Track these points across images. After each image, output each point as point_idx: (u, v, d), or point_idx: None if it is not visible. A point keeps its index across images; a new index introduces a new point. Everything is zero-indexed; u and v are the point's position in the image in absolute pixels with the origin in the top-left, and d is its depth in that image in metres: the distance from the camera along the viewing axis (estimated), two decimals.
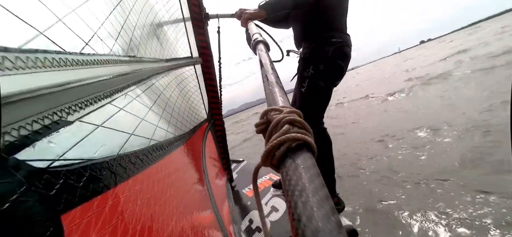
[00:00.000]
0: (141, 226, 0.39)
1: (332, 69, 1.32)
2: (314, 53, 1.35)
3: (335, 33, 1.33)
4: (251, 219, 1.54)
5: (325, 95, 1.36)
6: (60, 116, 0.26)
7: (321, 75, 1.31)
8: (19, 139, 0.21)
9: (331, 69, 1.31)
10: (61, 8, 0.28)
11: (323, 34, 1.33)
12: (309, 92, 1.34)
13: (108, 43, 0.39)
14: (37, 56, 0.22)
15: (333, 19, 1.35)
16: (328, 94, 1.38)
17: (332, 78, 1.35)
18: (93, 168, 0.31)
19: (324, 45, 1.31)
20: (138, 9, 0.63)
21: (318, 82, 1.32)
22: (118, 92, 0.39)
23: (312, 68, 1.33)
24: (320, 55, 1.32)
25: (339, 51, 1.31)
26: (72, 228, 0.26)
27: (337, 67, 1.32)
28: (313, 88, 1.34)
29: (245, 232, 1.42)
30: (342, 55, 1.33)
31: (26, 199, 0.21)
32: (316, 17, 1.35)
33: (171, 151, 0.61)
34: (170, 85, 0.88)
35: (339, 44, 1.31)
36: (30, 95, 0.21)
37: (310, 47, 1.38)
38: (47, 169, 0.24)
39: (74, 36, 0.30)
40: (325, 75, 1.32)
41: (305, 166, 0.22)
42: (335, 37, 1.31)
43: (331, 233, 0.15)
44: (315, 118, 1.38)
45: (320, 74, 1.31)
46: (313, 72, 1.33)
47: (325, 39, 1.32)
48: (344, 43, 1.33)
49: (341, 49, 1.32)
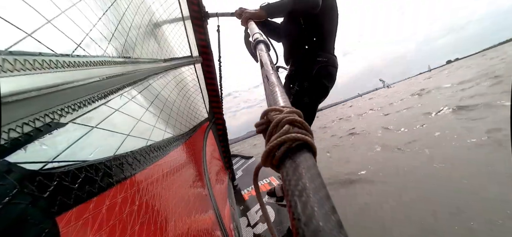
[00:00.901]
0: (139, 227, 0.39)
1: (316, 87, 1.36)
2: (300, 70, 1.39)
3: (322, 53, 1.36)
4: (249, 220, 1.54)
5: (310, 110, 1.40)
6: (52, 118, 0.26)
7: (306, 92, 1.35)
8: (10, 142, 0.21)
9: (315, 87, 1.35)
10: (50, 9, 0.28)
11: (309, 53, 1.36)
12: None
13: (101, 44, 0.39)
14: (26, 58, 0.22)
15: (322, 39, 1.38)
16: (314, 110, 1.42)
17: (317, 96, 1.39)
18: (88, 169, 0.31)
19: (309, 64, 1.35)
20: (134, 10, 0.63)
21: (303, 99, 1.36)
22: (112, 93, 0.39)
23: (297, 84, 1.37)
24: (305, 73, 1.35)
25: (324, 71, 1.34)
26: (68, 230, 0.26)
27: (321, 86, 1.36)
28: (297, 104, 1.35)
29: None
30: (327, 74, 1.36)
31: (19, 202, 0.21)
32: (304, 35, 1.37)
33: (169, 151, 0.61)
34: (169, 85, 0.88)
35: (323, 63, 1.34)
36: (19, 98, 0.21)
37: (296, 64, 1.42)
38: (40, 171, 0.24)
39: (65, 38, 0.30)
40: (309, 92, 1.35)
41: (306, 166, 0.22)
42: (320, 57, 1.35)
43: (331, 233, 0.15)
44: None
45: (304, 91, 1.35)
46: (297, 88, 1.36)
47: (311, 58, 1.35)
48: (329, 63, 1.36)
49: (326, 68, 1.35)
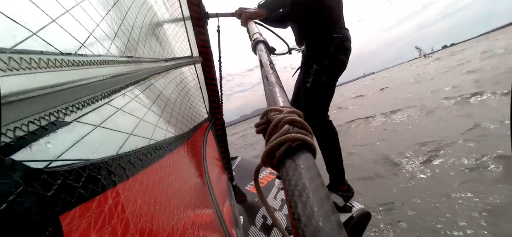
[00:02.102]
0: (141, 226, 0.39)
1: (335, 64, 1.38)
2: (317, 49, 1.40)
3: (336, 29, 1.38)
4: (264, 215, 1.54)
5: (329, 89, 1.43)
6: (57, 117, 0.26)
7: (326, 70, 1.38)
8: (15, 140, 0.21)
9: (334, 64, 1.37)
10: (55, 8, 0.28)
11: (324, 31, 1.38)
12: (315, 88, 1.41)
13: (104, 43, 0.39)
14: (32, 57, 0.22)
15: (333, 16, 1.39)
16: (332, 88, 1.44)
17: (336, 72, 1.41)
18: (91, 168, 0.31)
19: (326, 42, 1.36)
20: (136, 9, 0.63)
21: (322, 78, 1.38)
22: (116, 92, 0.39)
23: (316, 64, 1.39)
24: (323, 52, 1.37)
25: (341, 46, 1.37)
26: (71, 229, 0.26)
27: (340, 62, 1.38)
28: (318, 84, 1.39)
29: (261, 229, 1.43)
30: (344, 49, 1.38)
31: (23, 200, 0.21)
32: (315, 14, 1.38)
33: (171, 150, 0.61)
34: (170, 85, 0.88)
35: (340, 40, 1.36)
36: (25, 96, 0.21)
37: (312, 44, 1.43)
38: (45, 169, 0.24)
39: (70, 37, 0.30)
40: (329, 71, 1.38)
41: (305, 166, 0.22)
42: (336, 33, 1.37)
43: (331, 233, 0.15)
44: (321, 111, 1.44)
45: (324, 70, 1.38)
46: (317, 67, 1.38)
47: (327, 35, 1.37)
48: (344, 38, 1.38)
49: (343, 44, 1.37)
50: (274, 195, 1.73)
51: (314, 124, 1.43)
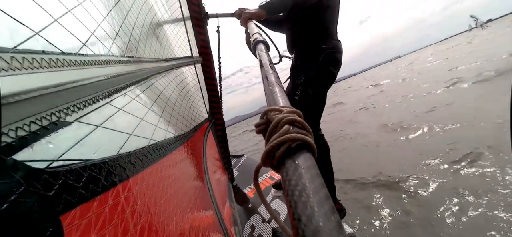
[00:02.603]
0: (141, 226, 0.39)
1: (323, 75, 1.33)
2: (305, 60, 1.37)
3: (325, 40, 1.34)
4: (253, 225, 1.51)
5: (319, 101, 1.38)
6: (58, 117, 0.26)
7: (312, 82, 1.33)
8: (16, 140, 0.21)
9: (322, 75, 1.33)
10: (57, 8, 0.28)
11: (313, 41, 1.35)
12: (303, 100, 1.36)
13: (106, 43, 0.39)
14: (34, 57, 0.22)
15: (325, 26, 1.36)
16: (322, 100, 1.39)
17: (324, 84, 1.37)
18: (92, 168, 0.31)
19: (314, 52, 1.33)
20: (137, 9, 0.63)
21: (308, 90, 1.34)
22: (116, 92, 0.39)
23: (303, 75, 1.35)
24: (310, 62, 1.33)
25: (330, 57, 1.33)
26: (71, 229, 0.26)
27: (328, 73, 1.34)
28: (306, 96, 1.35)
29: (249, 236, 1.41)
30: (333, 61, 1.34)
31: (24, 200, 0.21)
32: (308, 23, 1.35)
33: (171, 151, 0.61)
34: (170, 85, 0.88)
35: (329, 50, 1.32)
36: (27, 96, 0.21)
37: (301, 54, 1.40)
38: (46, 169, 0.24)
39: (71, 36, 0.30)
40: (315, 82, 1.33)
41: (305, 166, 0.22)
42: (325, 43, 1.33)
43: (331, 233, 0.15)
44: (311, 125, 1.39)
45: (311, 82, 1.33)
46: (304, 79, 1.34)
47: (315, 46, 1.34)
48: (334, 49, 1.34)
49: (332, 55, 1.33)
50: (271, 199, 1.70)
51: None
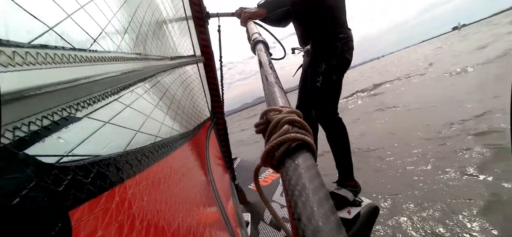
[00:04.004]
0: (148, 223, 0.39)
1: (342, 62, 1.44)
2: (324, 49, 1.45)
3: (342, 29, 1.43)
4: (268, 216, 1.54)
5: (338, 87, 1.49)
6: (69, 112, 0.26)
7: (334, 69, 1.43)
8: (29, 135, 0.21)
9: (341, 63, 1.44)
10: (70, 4, 0.28)
11: (331, 31, 1.43)
12: (325, 86, 1.46)
13: (115, 40, 0.39)
14: (47, 52, 0.22)
15: (338, 17, 1.44)
16: (340, 86, 1.50)
17: (343, 70, 1.48)
18: (100, 164, 0.31)
19: (333, 41, 1.42)
20: (145, 6, 0.63)
21: (331, 76, 1.44)
22: (125, 89, 0.39)
23: (324, 63, 1.43)
24: (331, 51, 1.42)
25: (347, 46, 1.43)
26: (80, 224, 0.26)
27: (346, 61, 1.45)
28: (328, 82, 1.45)
29: (271, 224, 1.44)
30: (349, 49, 1.44)
31: (35, 195, 0.21)
32: (320, 15, 1.42)
33: (176, 148, 0.61)
34: (175, 83, 0.89)
35: (346, 40, 1.42)
36: (40, 91, 0.21)
37: (319, 44, 1.47)
38: (56, 164, 0.24)
39: (83, 32, 0.30)
40: (337, 69, 1.44)
41: (305, 166, 0.22)
42: (342, 33, 1.42)
43: (330, 233, 0.15)
44: (332, 109, 1.49)
45: (333, 69, 1.43)
46: (325, 66, 1.43)
47: (334, 35, 1.42)
48: (349, 38, 1.44)
49: (348, 43, 1.43)
50: (281, 192, 1.72)
51: (325, 121, 1.49)
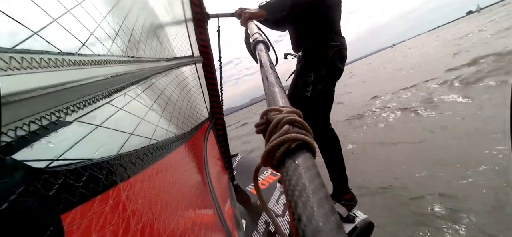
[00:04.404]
0: (142, 226, 0.39)
1: (332, 72, 1.38)
2: (314, 58, 1.40)
3: (334, 37, 1.37)
4: (266, 220, 1.47)
5: (329, 96, 1.42)
6: (58, 117, 0.26)
7: (322, 79, 1.37)
8: (16, 140, 0.21)
9: (331, 72, 1.37)
10: (56, 8, 0.28)
11: (322, 38, 1.37)
12: (314, 97, 1.40)
13: (105, 43, 0.39)
14: (33, 57, 0.22)
15: (331, 23, 1.39)
16: (332, 95, 1.44)
17: (333, 80, 1.41)
18: (92, 167, 0.31)
19: (324, 49, 1.36)
20: (138, 9, 0.63)
21: (318, 86, 1.38)
22: (117, 92, 0.39)
23: (313, 73, 1.38)
24: (320, 59, 1.36)
25: (339, 54, 1.36)
26: (72, 228, 0.26)
27: (337, 70, 1.38)
28: (317, 92, 1.39)
29: (264, 235, 1.38)
30: (341, 58, 1.38)
31: (24, 199, 0.21)
32: (314, 21, 1.37)
33: (172, 150, 0.61)
34: (171, 84, 0.88)
35: (338, 47, 1.35)
36: (26, 96, 0.21)
37: (309, 52, 1.42)
38: (46, 169, 0.24)
39: (71, 36, 0.30)
40: (326, 79, 1.38)
41: (305, 166, 0.22)
42: (334, 41, 1.36)
43: (331, 233, 0.15)
44: (322, 119, 1.44)
45: (321, 78, 1.37)
46: (314, 76, 1.38)
47: (325, 43, 1.36)
48: (342, 47, 1.37)
49: (340, 52, 1.37)
50: (276, 199, 1.66)
51: (316, 132, 1.41)
